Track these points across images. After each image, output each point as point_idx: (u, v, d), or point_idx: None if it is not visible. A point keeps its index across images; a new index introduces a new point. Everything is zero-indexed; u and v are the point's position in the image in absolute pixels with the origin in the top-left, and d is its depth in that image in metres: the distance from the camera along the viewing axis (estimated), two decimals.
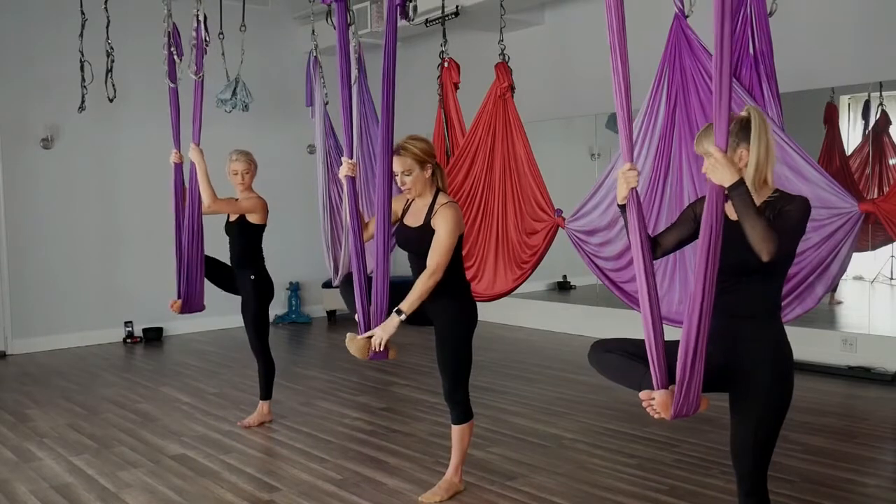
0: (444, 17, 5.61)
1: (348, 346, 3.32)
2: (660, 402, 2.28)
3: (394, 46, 3.22)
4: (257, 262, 4.66)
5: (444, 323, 3.41)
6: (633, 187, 2.33)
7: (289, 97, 8.09)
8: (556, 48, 7.30)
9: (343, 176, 3.41)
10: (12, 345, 7.12)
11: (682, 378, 2.24)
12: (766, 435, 2.39)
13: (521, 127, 4.91)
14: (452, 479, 3.58)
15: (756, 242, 2.18)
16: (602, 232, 4.33)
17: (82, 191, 7.45)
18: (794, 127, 4.00)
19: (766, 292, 2.38)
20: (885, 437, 4.34)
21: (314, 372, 6.08)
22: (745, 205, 2.18)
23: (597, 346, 2.59)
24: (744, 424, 2.41)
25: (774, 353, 2.37)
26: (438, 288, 3.31)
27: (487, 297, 5.01)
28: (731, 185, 2.18)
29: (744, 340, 2.37)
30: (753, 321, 2.37)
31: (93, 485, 3.83)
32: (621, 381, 2.54)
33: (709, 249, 2.18)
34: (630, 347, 2.49)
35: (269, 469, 4.02)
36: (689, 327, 2.21)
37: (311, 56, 5.28)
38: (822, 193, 3.53)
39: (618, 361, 2.50)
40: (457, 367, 3.42)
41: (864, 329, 5.77)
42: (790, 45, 4.75)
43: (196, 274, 4.61)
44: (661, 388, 2.28)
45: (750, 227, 2.18)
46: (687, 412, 2.29)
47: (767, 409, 2.37)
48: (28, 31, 7.12)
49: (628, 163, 2.33)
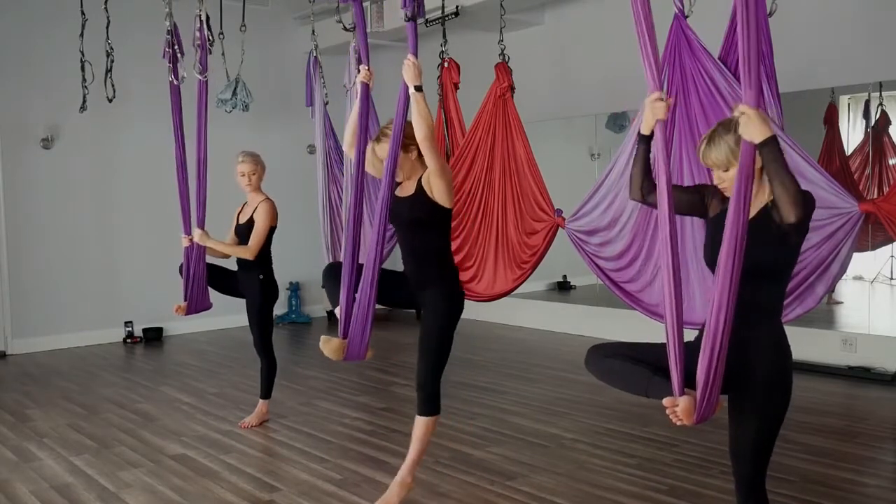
0: (444, 17, 5.61)
1: (322, 347, 3.28)
2: (684, 408, 2.18)
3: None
4: (266, 263, 4.67)
5: (430, 311, 3.37)
6: (660, 119, 2.22)
7: (289, 97, 8.09)
8: (556, 48, 7.30)
9: (360, 81, 3.41)
10: (12, 345, 7.12)
11: (705, 382, 2.16)
12: (766, 437, 2.36)
13: (521, 127, 4.92)
14: (406, 479, 3.45)
15: (785, 203, 2.08)
16: (602, 232, 4.33)
17: (82, 191, 7.45)
18: (794, 127, 4.01)
19: (771, 294, 2.34)
20: (885, 437, 4.34)
21: (314, 372, 6.08)
22: (776, 160, 2.06)
23: (595, 352, 2.50)
24: (743, 426, 2.37)
25: (775, 354, 2.33)
26: (425, 277, 3.34)
27: (487, 297, 5.01)
28: (764, 140, 2.06)
29: (746, 342, 2.31)
30: (756, 323, 2.33)
31: (93, 485, 3.83)
32: (625, 387, 2.46)
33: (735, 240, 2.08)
34: (629, 351, 2.42)
35: (269, 469, 4.02)
36: (715, 328, 2.13)
37: (311, 56, 5.29)
38: (822, 193, 3.53)
39: (620, 367, 2.42)
40: (437, 356, 3.38)
41: (864, 329, 5.77)
42: (790, 45, 4.76)
43: (200, 273, 4.62)
44: (680, 394, 2.20)
45: (780, 184, 2.07)
46: (707, 416, 2.22)
47: (767, 410, 2.33)
48: (28, 31, 7.12)
49: (657, 91, 2.22)
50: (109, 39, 5.35)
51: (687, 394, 2.19)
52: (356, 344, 3.33)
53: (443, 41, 5.31)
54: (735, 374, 2.32)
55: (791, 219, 2.10)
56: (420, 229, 3.36)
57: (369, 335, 3.33)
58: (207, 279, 4.68)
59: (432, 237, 3.39)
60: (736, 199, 2.09)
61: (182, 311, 4.66)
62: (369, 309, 3.28)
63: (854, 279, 6.05)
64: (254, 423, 4.75)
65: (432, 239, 3.39)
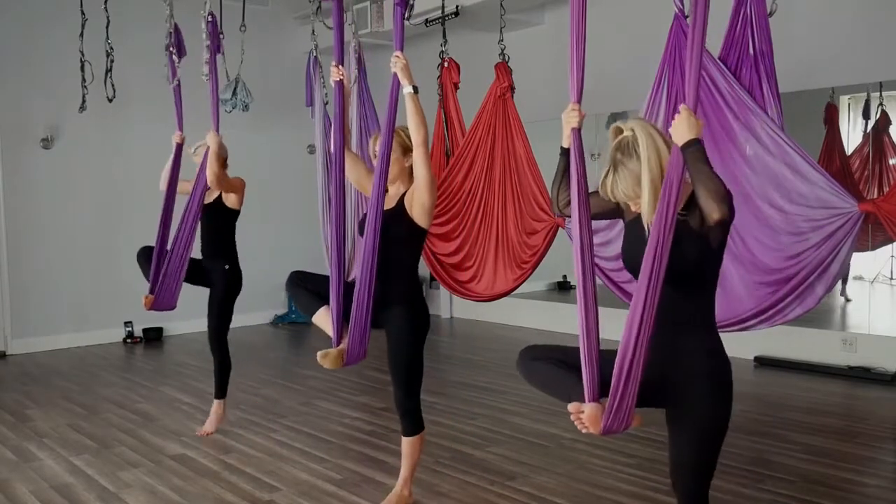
0: (444, 17, 5.61)
1: (321, 362, 3.22)
2: (589, 415, 2.12)
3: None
4: (231, 251, 4.53)
5: (396, 330, 3.29)
6: (574, 128, 2.23)
7: (289, 97, 8.08)
8: (556, 48, 7.27)
9: (333, 81, 3.34)
10: (12, 345, 7.12)
11: (615, 391, 2.09)
12: (706, 453, 2.22)
13: (521, 127, 4.92)
14: (402, 491, 3.45)
15: (708, 200, 1.99)
16: (602, 232, 4.33)
17: (82, 191, 7.45)
18: (794, 127, 4.00)
19: (699, 303, 2.22)
20: (885, 437, 4.34)
21: (314, 372, 6.07)
22: (700, 160, 2.02)
23: (525, 354, 2.41)
24: (680, 442, 2.24)
25: (710, 365, 2.20)
26: (391, 293, 3.25)
27: (487, 296, 5.01)
28: (687, 141, 2.03)
29: (678, 353, 2.20)
30: (688, 333, 2.20)
31: (93, 485, 3.83)
32: (550, 391, 2.38)
33: (660, 238, 2.03)
34: (560, 355, 2.33)
35: (269, 469, 4.02)
36: (629, 337, 2.07)
37: (311, 56, 5.28)
38: (822, 193, 3.54)
39: (546, 370, 2.32)
40: (408, 376, 3.30)
41: (864, 329, 5.77)
42: (790, 45, 4.75)
43: (178, 271, 4.42)
44: (591, 401, 2.13)
45: (704, 182, 2.00)
46: (617, 428, 2.14)
47: (705, 424, 2.20)
48: (28, 31, 7.12)
49: (573, 103, 2.23)
50: (109, 39, 5.35)
51: (601, 403, 2.13)
52: (356, 348, 3.27)
53: (443, 41, 5.31)
54: (670, 386, 2.22)
55: (715, 216, 2.00)
56: (395, 246, 3.25)
57: (368, 335, 3.28)
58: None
59: (405, 254, 3.31)
60: (663, 201, 2.05)
61: (148, 303, 4.42)
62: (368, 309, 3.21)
63: (854, 279, 6.05)
64: (211, 429, 4.58)
65: (405, 256, 3.31)
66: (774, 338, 5.54)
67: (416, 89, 3.14)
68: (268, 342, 7.53)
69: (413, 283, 3.36)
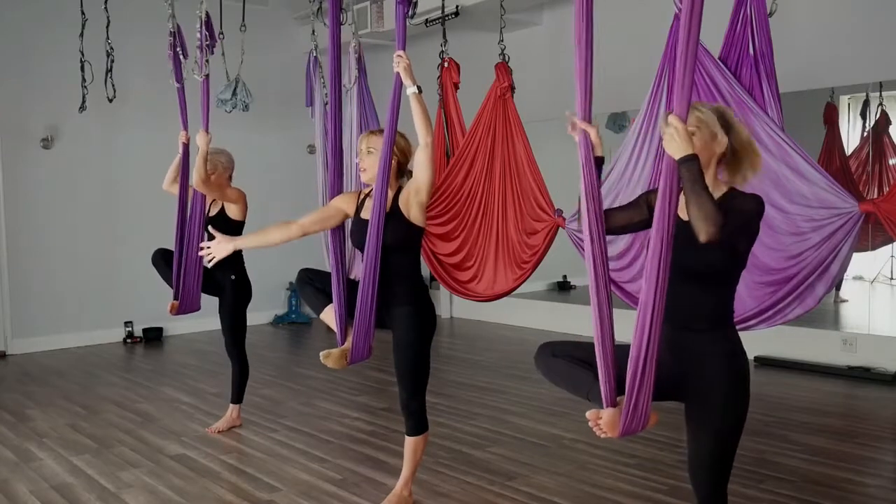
0: (444, 17, 5.61)
1: (325, 362, 3.22)
2: (607, 421, 2.13)
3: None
4: (237, 261, 4.54)
5: (402, 331, 3.27)
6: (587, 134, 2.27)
7: (289, 97, 8.08)
8: (556, 48, 7.29)
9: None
10: (12, 345, 7.12)
11: (630, 393, 2.09)
12: (724, 450, 2.27)
13: (521, 127, 4.91)
14: (402, 492, 3.45)
15: (697, 219, 2.02)
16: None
17: (82, 191, 7.45)
18: (794, 127, 4.00)
19: (718, 299, 2.26)
20: (885, 437, 4.34)
21: (314, 372, 6.07)
22: (693, 179, 2.02)
23: (543, 350, 2.44)
24: (699, 439, 2.29)
25: (730, 363, 2.23)
26: (396, 294, 3.24)
27: (487, 297, 5.01)
28: (684, 157, 2.01)
29: (698, 351, 2.23)
30: (707, 330, 2.24)
31: (93, 485, 3.83)
32: (569, 388, 2.39)
33: (661, 243, 2.04)
34: (578, 352, 2.34)
35: (269, 469, 4.02)
36: (640, 337, 2.07)
37: (311, 56, 5.29)
38: (822, 193, 3.54)
39: (565, 368, 2.34)
40: (414, 376, 3.29)
41: (864, 329, 5.77)
42: (790, 45, 4.75)
43: (194, 273, 4.52)
44: (609, 405, 2.13)
45: (695, 203, 2.02)
46: (636, 429, 2.16)
47: (724, 422, 2.24)
48: (28, 31, 7.12)
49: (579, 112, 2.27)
50: (109, 39, 5.35)
51: (618, 403, 2.14)
52: (359, 347, 3.27)
53: (443, 41, 5.31)
54: (690, 383, 2.24)
55: (702, 237, 2.03)
56: (395, 253, 3.20)
57: (373, 334, 3.27)
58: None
59: (406, 255, 3.27)
60: (662, 199, 2.05)
61: (174, 309, 4.51)
62: (371, 309, 3.22)
63: (854, 279, 6.05)
64: (222, 427, 4.64)
65: (405, 260, 3.26)
66: (774, 338, 5.54)
67: (420, 89, 3.08)
68: (268, 342, 7.52)
69: (418, 283, 3.34)
